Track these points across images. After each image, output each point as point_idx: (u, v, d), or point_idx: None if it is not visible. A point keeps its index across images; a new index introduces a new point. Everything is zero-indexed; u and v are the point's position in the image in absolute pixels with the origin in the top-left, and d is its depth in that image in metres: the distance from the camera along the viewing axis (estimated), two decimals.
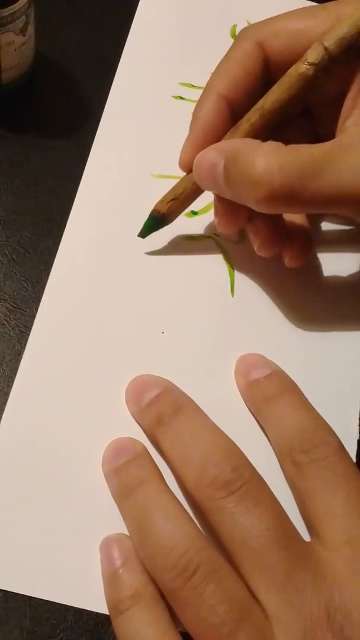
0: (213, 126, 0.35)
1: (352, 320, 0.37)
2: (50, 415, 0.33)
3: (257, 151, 0.32)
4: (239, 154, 0.32)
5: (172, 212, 0.37)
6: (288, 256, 0.36)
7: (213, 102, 0.35)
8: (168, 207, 0.37)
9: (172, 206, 0.37)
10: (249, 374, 0.34)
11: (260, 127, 0.34)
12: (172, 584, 0.27)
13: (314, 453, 0.30)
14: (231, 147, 0.33)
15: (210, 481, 0.29)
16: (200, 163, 0.34)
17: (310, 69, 0.32)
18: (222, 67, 0.36)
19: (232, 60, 0.35)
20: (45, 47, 0.43)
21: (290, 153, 0.31)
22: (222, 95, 0.35)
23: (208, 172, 0.34)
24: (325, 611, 0.26)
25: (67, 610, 0.29)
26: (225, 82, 0.35)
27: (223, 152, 0.33)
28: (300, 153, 0.31)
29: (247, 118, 0.34)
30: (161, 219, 0.37)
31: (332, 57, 0.32)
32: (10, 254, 0.37)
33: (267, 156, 0.31)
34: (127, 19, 0.46)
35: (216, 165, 0.33)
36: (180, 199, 0.36)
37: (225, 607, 0.26)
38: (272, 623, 0.26)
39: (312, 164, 0.30)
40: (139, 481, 0.30)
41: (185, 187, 0.36)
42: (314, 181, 0.30)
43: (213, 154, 0.34)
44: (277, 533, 0.28)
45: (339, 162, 0.30)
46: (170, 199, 0.37)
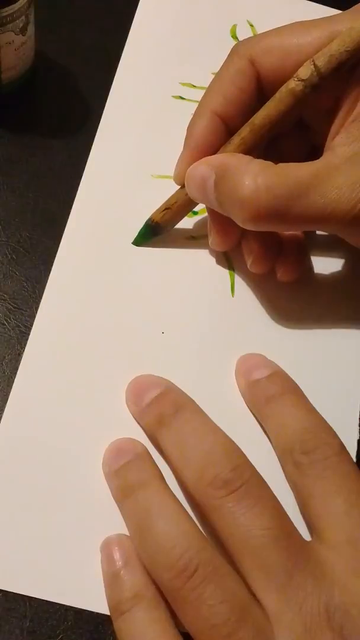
0: (207, 143, 0.35)
1: (352, 320, 0.37)
2: (51, 416, 0.33)
3: (245, 169, 0.32)
4: (228, 172, 0.33)
5: (166, 222, 0.37)
6: (281, 271, 0.37)
7: (207, 119, 0.35)
8: (162, 216, 0.37)
9: (165, 215, 0.37)
10: (250, 374, 0.34)
11: (250, 141, 0.34)
12: (172, 584, 0.27)
13: (315, 454, 0.30)
14: (221, 163, 0.33)
15: (210, 480, 0.29)
16: (191, 177, 0.35)
17: (299, 84, 0.32)
18: (215, 85, 0.36)
19: (225, 78, 0.35)
20: (45, 47, 0.43)
21: (277, 174, 0.31)
22: (215, 112, 0.35)
23: (199, 186, 0.35)
24: (325, 610, 0.26)
25: (67, 611, 0.29)
26: (218, 100, 0.35)
27: (213, 167, 0.33)
28: (287, 174, 0.31)
29: (238, 133, 0.35)
30: (155, 227, 0.38)
31: (321, 74, 0.32)
32: (10, 254, 0.37)
33: (255, 176, 0.31)
34: (127, 18, 0.46)
35: (207, 180, 0.34)
36: (174, 209, 0.37)
37: (225, 607, 0.26)
38: (272, 622, 0.27)
39: (298, 185, 0.31)
40: (139, 482, 0.30)
41: (179, 198, 0.37)
42: (300, 202, 0.31)
43: (204, 168, 0.34)
44: (277, 532, 0.28)
45: (324, 184, 0.31)
46: (164, 208, 0.37)
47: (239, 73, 0.35)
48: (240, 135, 0.34)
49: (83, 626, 0.29)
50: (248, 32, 0.46)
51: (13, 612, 0.29)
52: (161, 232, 0.38)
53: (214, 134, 0.35)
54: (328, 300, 0.38)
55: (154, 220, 0.37)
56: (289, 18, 0.47)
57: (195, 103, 0.42)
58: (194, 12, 0.47)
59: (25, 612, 0.29)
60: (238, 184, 0.32)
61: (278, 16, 0.47)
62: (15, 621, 0.29)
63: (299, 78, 0.32)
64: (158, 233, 0.38)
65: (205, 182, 0.34)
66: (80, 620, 0.29)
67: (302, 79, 0.32)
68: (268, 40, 0.34)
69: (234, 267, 0.38)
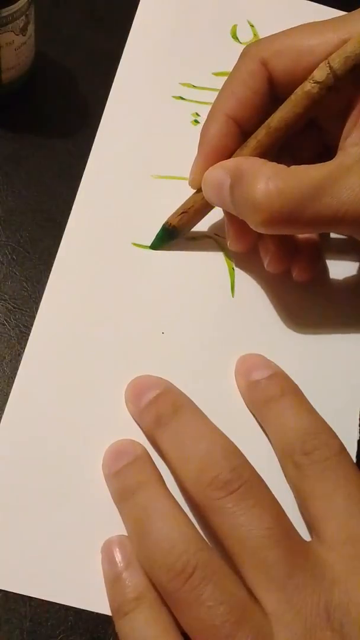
0: (221, 146, 0.35)
1: (353, 320, 0.37)
2: (51, 416, 0.33)
3: (259, 173, 0.32)
4: (242, 175, 0.33)
5: (183, 226, 0.38)
6: (296, 271, 0.37)
7: (220, 122, 0.35)
8: (179, 219, 0.37)
9: (182, 219, 0.37)
10: (250, 374, 0.34)
11: (267, 144, 0.34)
12: (171, 585, 0.27)
13: (315, 455, 0.30)
14: (236, 167, 0.33)
15: (209, 481, 0.29)
16: (208, 181, 0.35)
17: (315, 87, 0.32)
18: (227, 88, 0.36)
19: (238, 80, 0.35)
20: (45, 47, 0.43)
21: (289, 177, 0.31)
22: (229, 115, 0.35)
23: (216, 191, 0.35)
24: (325, 610, 0.26)
25: (67, 611, 0.30)
26: (231, 103, 0.35)
27: (229, 171, 0.33)
28: (300, 176, 0.31)
29: (254, 135, 0.35)
30: (172, 231, 0.38)
31: (337, 76, 0.32)
32: (10, 254, 0.37)
33: (268, 180, 0.31)
34: (127, 18, 0.45)
35: (223, 184, 0.34)
36: (190, 212, 0.37)
37: (225, 607, 0.26)
38: (272, 622, 0.27)
39: (311, 188, 0.31)
40: (138, 484, 0.30)
41: (195, 202, 0.37)
42: (312, 205, 0.31)
43: (220, 172, 0.34)
44: (276, 532, 0.28)
45: (336, 185, 0.31)
46: (181, 212, 0.37)
47: (251, 75, 0.35)
48: (256, 138, 0.34)
49: (83, 626, 0.29)
50: (248, 32, 0.46)
51: (13, 612, 0.29)
52: (178, 235, 0.38)
53: (228, 137, 0.35)
54: (328, 300, 0.38)
55: (171, 224, 0.38)
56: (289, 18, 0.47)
57: (195, 103, 0.42)
58: (194, 12, 0.47)
59: (25, 612, 0.29)
60: (252, 188, 0.32)
61: (278, 16, 0.47)
62: (15, 621, 0.29)
63: (315, 80, 0.32)
64: (175, 237, 0.38)
65: (222, 186, 0.34)
66: (80, 620, 0.29)
67: (317, 81, 0.32)
68: (280, 42, 0.34)
69: (234, 267, 0.38)
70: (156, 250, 0.38)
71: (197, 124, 0.42)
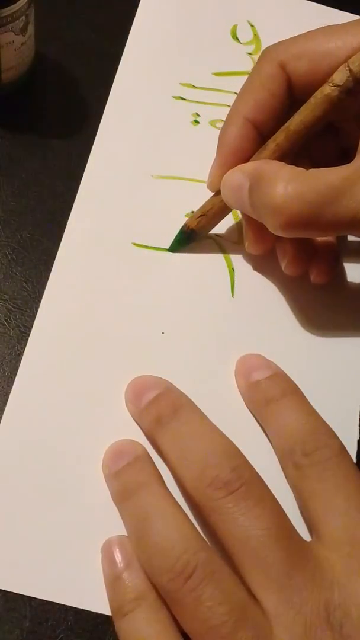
0: (240, 149, 0.35)
1: (353, 320, 0.37)
2: (51, 416, 0.33)
3: (277, 176, 0.32)
4: (261, 179, 0.33)
5: (201, 228, 0.38)
6: (314, 273, 0.37)
7: (239, 125, 0.35)
8: (197, 222, 0.37)
9: (200, 222, 0.37)
10: (250, 375, 0.34)
11: (286, 147, 0.34)
12: (170, 585, 0.27)
13: (316, 455, 0.30)
14: (255, 170, 0.33)
15: (209, 481, 0.29)
16: (227, 184, 0.35)
17: (334, 90, 0.32)
18: (246, 90, 0.36)
19: (256, 83, 0.35)
20: (45, 47, 0.43)
21: (308, 180, 0.31)
22: (247, 118, 0.35)
23: (235, 193, 0.35)
24: (325, 610, 0.26)
25: (67, 611, 0.30)
26: (250, 105, 0.35)
27: (248, 174, 0.34)
28: (318, 179, 0.31)
29: (273, 138, 0.35)
30: (191, 234, 0.38)
31: (357, 79, 0.32)
32: (10, 254, 0.37)
33: (286, 183, 0.31)
34: (127, 19, 0.45)
35: (242, 187, 0.34)
36: (209, 215, 0.37)
37: (224, 608, 0.26)
38: (272, 623, 0.27)
39: (329, 190, 0.31)
40: (138, 484, 0.30)
41: (214, 204, 0.37)
42: (330, 208, 0.31)
43: (239, 175, 0.34)
44: (276, 532, 0.28)
45: (355, 188, 0.31)
46: (200, 215, 0.37)
47: (269, 78, 0.35)
48: (275, 141, 0.34)
49: (83, 626, 0.29)
50: (249, 33, 0.46)
51: (13, 612, 0.29)
52: (196, 238, 0.38)
53: (247, 139, 0.35)
54: (328, 301, 0.38)
55: (190, 227, 0.38)
56: (289, 18, 0.47)
57: (195, 103, 0.42)
58: (194, 12, 0.47)
59: (25, 612, 0.29)
60: (270, 191, 0.32)
61: (278, 16, 0.47)
62: (15, 621, 0.29)
63: (334, 83, 0.32)
64: (193, 239, 0.38)
65: (241, 189, 0.34)
66: (80, 620, 0.29)
67: (337, 84, 0.32)
68: (299, 45, 0.35)
69: (234, 268, 0.38)
70: (174, 252, 0.38)
71: (197, 124, 0.42)
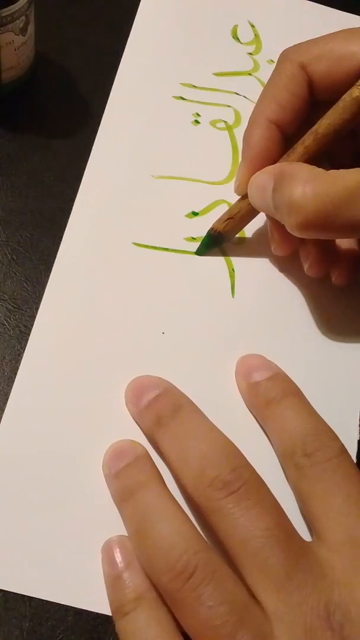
0: (265, 151, 0.36)
1: (353, 321, 0.37)
2: (51, 416, 0.33)
3: (297, 176, 0.32)
4: (283, 178, 0.33)
5: (229, 232, 0.38)
6: (335, 275, 0.37)
7: (264, 127, 0.36)
8: (224, 226, 0.38)
9: (228, 225, 0.38)
10: (250, 375, 0.34)
11: (314, 150, 0.34)
12: (171, 585, 0.27)
13: (316, 456, 0.30)
14: (279, 171, 0.34)
15: (209, 482, 0.29)
16: (254, 185, 0.36)
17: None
18: (268, 92, 0.36)
19: (278, 84, 0.36)
20: (45, 47, 0.43)
21: (326, 181, 0.32)
22: (271, 120, 0.35)
23: (260, 194, 0.35)
24: (325, 610, 0.26)
25: (67, 611, 0.30)
26: (273, 107, 0.36)
27: (272, 175, 0.34)
28: (336, 181, 0.31)
29: (301, 141, 0.35)
30: (218, 237, 0.38)
31: None
32: (10, 254, 0.37)
33: (305, 183, 0.32)
34: (128, 18, 0.45)
35: (266, 187, 0.34)
36: (236, 218, 0.37)
37: (225, 608, 0.26)
38: (272, 623, 0.27)
39: (346, 191, 0.31)
40: (138, 485, 0.30)
41: (242, 208, 0.37)
42: (347, 209, 0.31)
43: (264, 176, 0.35)
44: (277, 533, 0.28)
45: None
46: (227, 218, 0.38)
47: (291, 79, 0.35)
48: (303, 144, 0.35)
49: (83, 626, 0.29)
50: (249, 33, 0.46)
51: (13, 612, 0.29)
52: (223, 241, 0.38)
53: (272, 141, 0.36)
54: (328, 301, 0.38)
55: (217, 230, 0.38)
56: (289, 18, 0.47)
57: (196, 103, 0.42)
58: (195, 12, 0.47)
59: (25, 612, 0.29)
60: (290, 191, 0.32)
61: (279, 16, 0.47)
62: (15, 621, 0.29)
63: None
64: (221, 243, 0.38)
65: (265, 189, 0.34)
66: (80, 620, 0.29)
67: None
68: (319, 46, 0.35)
69: (234, 268, 0.38)
70: (201, 255, 0.38)
71: (198, 124, 0.42)
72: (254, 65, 0.45)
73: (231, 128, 0.42)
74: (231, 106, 0.43)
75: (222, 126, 0.42)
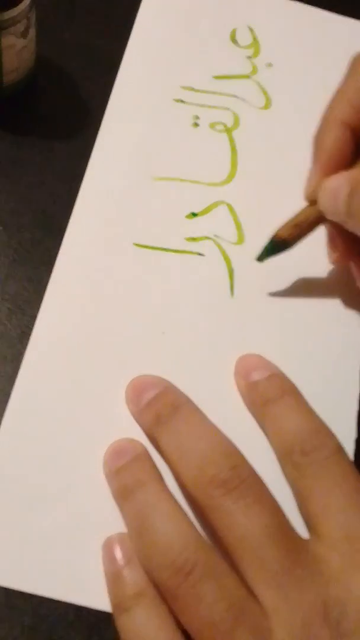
0: (338, 155, 0.35)
1: (351, 320, 0.38)
2: (52, 416, 0.33)
3: None
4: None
5: (294, 239, 0.36)
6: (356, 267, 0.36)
7: (337, 130, 0.35)
8: (290, 233, 0.36)
9: (294, 233, 0.36)
10: (249, 375, 0.34)
11: None
12: (170, 582, 0.27)
13: (314, 455, 0.30)
14: (358, 175, 0.33)
15: (208, 480, 0.29)
16: (326, 189, 0.34)
17: None
18: (341, 94, 0.36)
19: (351, 87, 0.35)
20: (46, 50, 0.43)
21: None
22: (345, 122, 0.35)
23: (332, 198, 0.34)
24: (323, 606, 0.27)
25: (68, 608, 0.30)
26: (346, 109, 0.35)
27: (349, 179, 0.33)
28: None
29: None
30: (281, 244, 0.37)
31: None
32: (12, 255, 0.37)
33: None
34: (128, 22, 0.46)
35: (340, 192, 0.33)
36: (302, 226, 0.36)
37: (223, 604, 0.27)
38: (270, 619, 0.27)
39: None
40: (138, 483, 0.30)
41: (308, 215, 0.36)
42: None
43: (340, 179, 0.34)
44: (275, 530, 0.28)
45: None
46: (294, 224, 0.36)
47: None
48: None
49: (83, 623, 0.30)
50: (248, 36, 0.46)
51: (13, 609, 0.30)
52: (286, 248, 0.37)
53: (345, 143, 0.35)
54: (328, 301, 0.38)
55: (281, 237, 0.36)
56: (288, 22, 0.48)
57: (196, 106, 0.42)
58: (195, 16, 0.47)
59: (25, 608, 0.30)
60: None
61: (278, 20, 0.47)
62: (16, 618, 0.29)
63: None
64: (284, 249, 0.37)
65: (339, 193, 0.33)
66: (80, 617, 0.30)
67: None
68: None
69: (233, 268, 0.38)
70: (262, 262, 0.37)
71: (197, 127, 0.42)
72: (252, 68, 0.45)
73: (230, 131, 0.43)
74: (230, 109, 0.43)
75: (221, 129, 0.43)
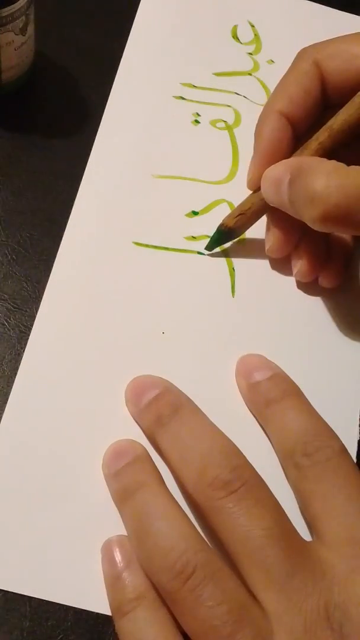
0: (277, 144, 0.36)
1: (353, 320, 0.37)
2: (51, 416, 0.33)
3: (320, 169, 0.32)
4: (302, 171, 0.33)
5: (239, 227, 0.38)
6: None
7: (275, 120, 0.36)
8: (235, 221, 0.37)
9: (239, 221, 0.37)
10: (251, 375, 0.34)
11: (328, 146, 0.34)
12: (170, 585, 0.27)
13: (316, 456, 0.30)
14: (297, 164, 0.34)
15: (209, 481, 0.29)
16: (268, 178, 0.35)
17: None
18: (281, 86, 0.37)
19: (291, 79, 0.36)
20: (45, 46, 0.43)
21: (349, 174, 0.32)
22: (282, 113, 0.36)
23: (275, 187, 0.35)
24: (325, 609, 0.26)
25: (67, 611, 0.30)
26: (284, 101, 0.36)
27: (289, 167, 0.34)
28: (359, 174, 0.31)
29: (315, 137, 0.35)
30: (228, 233, 0.38)
31: None
32: (10, 254, 0.37)
33: (328, 175, 0.32)
34: (128, 18, 0.46)
35: (282, 180, 0.34)
36: (248, 214, 0.37)
37: (225, 608, 0.26)
38: (272, 622, 0.27)
39: None
40: (138, 484, 0.30)
41: (253, 203, 0.37)
42: None
43: (280, 168, 0.35)
44: (276, 532, 0.28)
45: None
46: (238, 214, 0.37)
47: (304, 75, 0.36)
48: (318, 140, 0.35)
49: (83, 626, 0.29)
50: (249, 33, 0.46)
51: (13, 612, 0.29)
52: (233, 237, 0.38)
53: (283, 133, 0.36)
54: (328, 301, 0.38)
55: (227, 226, 0.37)
56: (289, 18, 0.47)
57: (196, 103, 0.42)
58: (195, 12, 0.47)
59: (25, 612, 0.29)
60: (311, 182, 0.32)
61: (279, 17, 0.47)
62: (15, 621, 0.29)
63: None
64: (231, 238, 0.38)
65: (280, 182, 0.34)
66: (80, 620, 0.29)
67: None
68: (335, 45, 0.36)
69: (234, 268, 0.38)
70: (211, 251, 0.38)
71: (198, 124, 0.42)
72: (253, 65, 0.45)
73: (231, 128, 0.42)
74: (231, 106, 0.43)
75: (222, 126, 0.42)
